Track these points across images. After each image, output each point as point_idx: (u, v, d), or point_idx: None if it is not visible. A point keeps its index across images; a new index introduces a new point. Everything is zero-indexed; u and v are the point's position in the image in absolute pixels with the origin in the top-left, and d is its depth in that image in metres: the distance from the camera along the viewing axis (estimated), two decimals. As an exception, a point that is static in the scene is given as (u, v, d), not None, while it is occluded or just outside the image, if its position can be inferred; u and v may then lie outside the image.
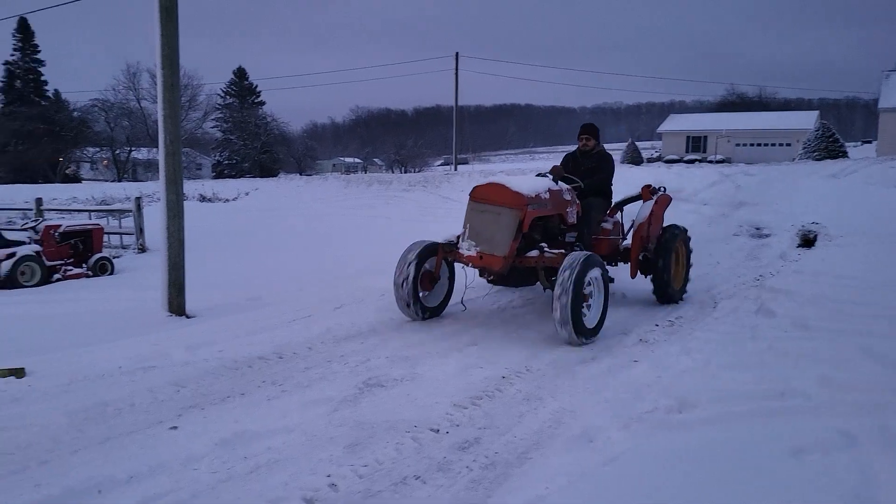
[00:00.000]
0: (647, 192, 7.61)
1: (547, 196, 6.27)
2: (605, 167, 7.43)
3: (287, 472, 3.42)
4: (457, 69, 42.61)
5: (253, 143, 57.60)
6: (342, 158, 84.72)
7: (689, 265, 7.64)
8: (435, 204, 17.62)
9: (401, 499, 3.20)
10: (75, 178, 52.55)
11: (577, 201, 6.82)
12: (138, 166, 57.10)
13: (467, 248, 6.12)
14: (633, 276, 7.21)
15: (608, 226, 7.43)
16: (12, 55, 54.06)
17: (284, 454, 3.63)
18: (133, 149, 55.65)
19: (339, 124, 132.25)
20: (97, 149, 55.89)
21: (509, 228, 5.96)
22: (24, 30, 53.70)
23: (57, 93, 56.55)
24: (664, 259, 7.05)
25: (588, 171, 7.36)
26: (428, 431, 3.94)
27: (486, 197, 6.16)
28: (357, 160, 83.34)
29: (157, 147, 8.35)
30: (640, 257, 7.23)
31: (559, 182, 6.67)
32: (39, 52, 55.06)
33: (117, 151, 54.89)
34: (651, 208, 7.35)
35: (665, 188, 7.86)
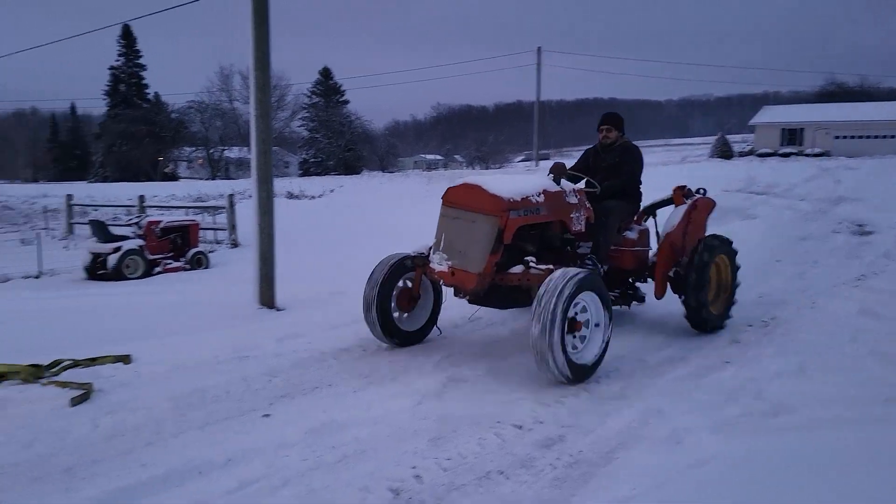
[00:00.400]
0: (679, 194, 6.49)
1: (540, 199, 5.18)
2: (629, 164, 6.22)
3: (373, 462, 3.51)
4: (539, 64, 42.26)
5: (337, 141, 58.99)
6: (423, 155, 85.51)
7: (734, 284, 6.37)
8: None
9: (484, 493, 3.22)
10: (173, 177, 55.44)
11: (588, 205, 5.69)
12: (230, 164, 59.56)
13: (438, 262, 5.17)
14: (660, 295, 6.13)
15: (633, 235, 6.29)
16: (117, 60, 57.49)
17: (371, 445, 3.72)
18: (225, 148, 58.15)
19: (421, 122, 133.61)
20: (193, 148, 58.82)
21: (485, 239, 4.95)
22: (127, 36, 56.96)
23: (157, 95, 59.80)
24: (698, 276, 5.82)
25: (609, 169, 6.26)
26: (511, 427, 3.95)
27: (458, 201, 5.16)
28: (438, 157, 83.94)
29: (248, 146, 8.70)
30: (672, 273, 6.11)
31: (561, 182, 5.53)
32: (141, 56, 58.29)
33: (211, 151, 57.57)
34: (684, 214, 6.24)
35: (705, 190, 6.68)
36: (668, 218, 6.33)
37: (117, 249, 11.31)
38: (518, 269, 5.12)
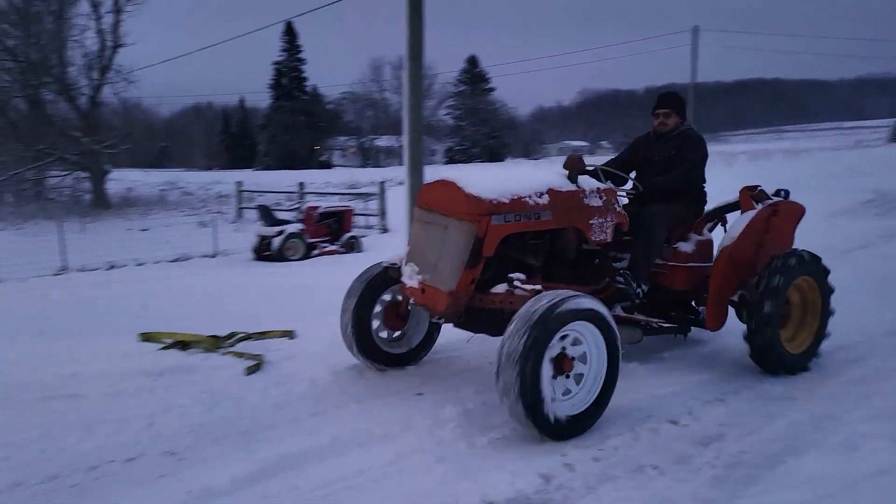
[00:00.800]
0: (747, 196, 5.01)
1: (542, 201, 4.11)
2: (689, 154, 4.98)
3: (524, 447, 3.53)
4: (695, 45, 40.11)
5: (482, 128, 59.63)
6: (568, 142, 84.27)
7: (826, 313, 4.86)
8: (668, 188, 16.83)
9: (637, 487, 3.15)
10: (328, 165, 58.64)
11: (620, 209, 4.54)
12: (380, 153, 62.06)
13: (409, 277, 4.29)
14: (714, 325, 4.79)
15: (688, 247, 4.96)
16: (280, 56, 61.51)
17: (522, 430, 3.74)
18: (376, 137, 60.71)
19: (566, 108, 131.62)
20: (346, 137, 61.96)
21: (459, 250, 3.96)
22: (289, 32, 60.77)
23: (315, 88, 63.43)
24: (765, 306, 4.47)
25: (664, 163, 5.04)
26: (666, 423, 3.83)
27: (430, 202, 4.24)
28: (583, 143, 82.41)
29: (397, 135, 9.07)
30: (736, 297, 4.80)
31: (580, 180, 4.39)
32: (302, 51, 61.99)
33: (362, 140, 60.30)
34: (751, 222, 4.81)
35: (788, 192, 5.17)
36: (730, 226, 5.00)
37: (281, 233, 12.14)
38: (501, 288, 4.09)
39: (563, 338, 3.57)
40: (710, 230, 5.30)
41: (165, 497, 3.04)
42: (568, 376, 3.65)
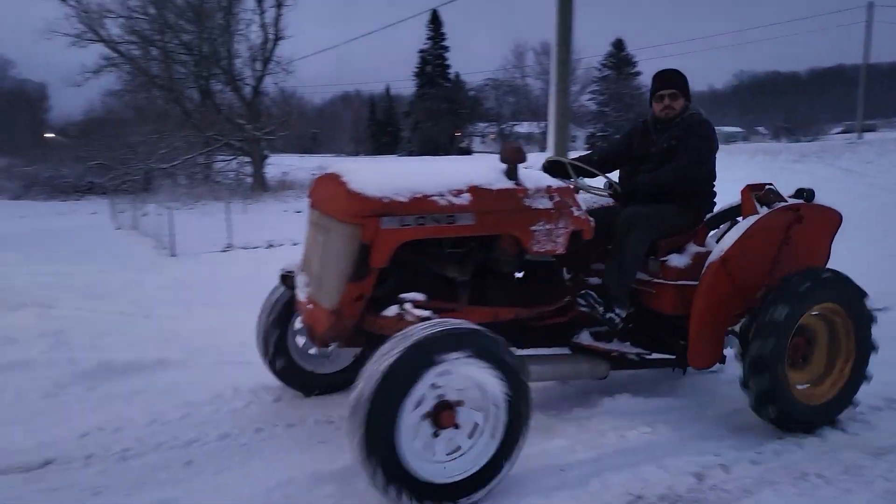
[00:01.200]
0: (749, 198, 3.87)
1: (459, 201, 3.21)
2: (690, 146, 3.88)
3: (677, 444, 3.44)
4: (869, 22, 36.50)
5: (626, 114, 57.79)
6: (720, 128, 79.56)
7: (865, 350, 3.71)
8: (833, 178, 15.47)
9: (799, 494, 2.99)
10: (468, 151, 59.37)
11: (580, 213, 3.52)
12: (520, 139, 61.87)
13: (300, 289, 3.59)
14: (699, 363, 3.78)
15: (681, 261, 3.83)
16: (425, 44, 62.87)
17: (680, 429, 3.62)
18: (516, 123, 60.65)
19: (718, 91, 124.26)
20: (486, 123, 62.36)
21: (340, 259, 3.18)
22: (434, 21, 61.92)
23: (457, 75, 64.27)
24: (765, 343, 3.40)
25: (662, 155, 3.98)
26: (829, 429, 3.59)
27: (317, 200, 3.54)
28: (737, 129, 77.52)
29: (537, 121, 9.02)
30: (738, 327, 3.65)
31: (520, 175, 3.42)
32: (445, 38, 62.99)
33: (503, 126, 60.46)
34: (752, 230, 3.68)
35: (812, 192, 3.88)
36: (725, 234, 3.82)
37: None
38: (393, 310, 3.16)
39: (440, 384, 2.81)
40: (718, 240, 4.12)
41: (325, 461, 3.26)
42: (458, 427, 2.87)
